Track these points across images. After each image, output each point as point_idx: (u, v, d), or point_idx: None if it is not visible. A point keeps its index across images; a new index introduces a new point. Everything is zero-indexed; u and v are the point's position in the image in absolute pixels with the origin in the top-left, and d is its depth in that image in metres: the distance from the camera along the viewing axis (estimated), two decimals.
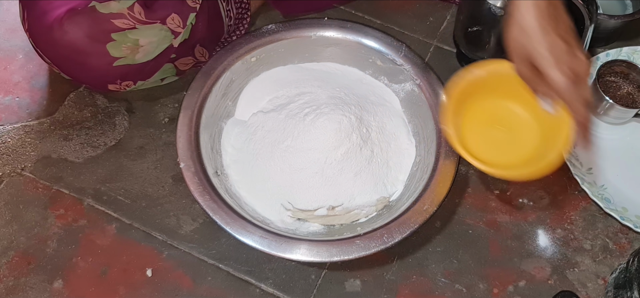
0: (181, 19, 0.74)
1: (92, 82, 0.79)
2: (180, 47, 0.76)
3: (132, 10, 0.70)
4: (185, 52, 0.78)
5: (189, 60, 0.79)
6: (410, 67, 0.77)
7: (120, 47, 0.71)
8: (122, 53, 0.72)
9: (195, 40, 0.78)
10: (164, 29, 0.73)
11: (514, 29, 0.59)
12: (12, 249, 0.71)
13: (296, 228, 0.69)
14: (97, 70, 0.73)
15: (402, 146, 0.76)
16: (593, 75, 0.83)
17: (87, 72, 0.74)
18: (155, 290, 0.69)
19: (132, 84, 0.77)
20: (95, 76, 0.75)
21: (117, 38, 0.71)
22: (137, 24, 0.71)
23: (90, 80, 0.78)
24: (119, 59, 0.72)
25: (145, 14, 0.71)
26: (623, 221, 0.73)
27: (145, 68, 0.75)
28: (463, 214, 0.76)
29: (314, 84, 0.79)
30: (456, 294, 0.70)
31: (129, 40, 0.71)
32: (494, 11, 0.74)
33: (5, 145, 0.79)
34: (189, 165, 0.68)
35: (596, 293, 0.71)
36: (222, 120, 0.76)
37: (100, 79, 0.75)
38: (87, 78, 0.77)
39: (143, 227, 0.73)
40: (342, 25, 0.80)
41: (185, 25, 0.75)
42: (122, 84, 0.76)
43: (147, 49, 0.73)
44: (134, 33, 0.71)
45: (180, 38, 0.75)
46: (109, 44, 0.71)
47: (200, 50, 0.80)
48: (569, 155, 0.77)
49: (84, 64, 0.73)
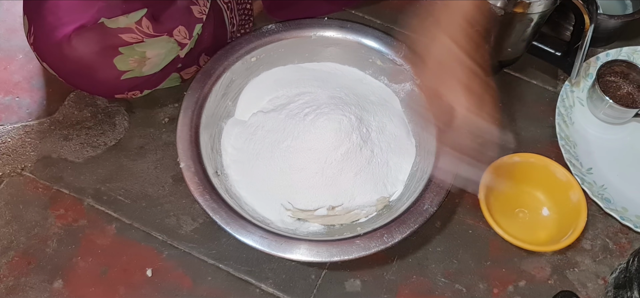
0: (188, 30, 0.74)
1: (99, 94, 0.79)
2: (186, 57, 0.76)
3: (140, 25, 0.70)
4: (191, 62, 0.78)
5: (193, 69, 0.79)
6: (411, 67, 0.77)
7: (127, 61, 0.71)
8: (129, 66, 0.72)
9: (201, 49, 0.78)
10: (171, 41, 0.73)
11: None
12: (12, 249, 0.71)
13: (296, 228, 0.69)
14: (105, 84, 0.73)
15: (402, 146, 0.76)
16: (593, 75, 0.83)
17: (95, 86, 0.74)
18: (155, 290, 0.69)
19: (138, 93, 0.77)
20: (103, 89, 0.75)
21: (125, 52, 0.70)
22: (145, 37, 0.70)
23: (97, 92, 0.78)
24: (127, 72, 0.72)
25: (153, 27, 0.71)
26: (623, 221, 0.73)
27: (152, 79, 0.75)
28: (463, 214, 0.76)
29: (314, 84, 0.79)
30: (456, 294, 0.70)
31: (136, 53, 0.71)
32: (494, 11, 0.74)
33: (5, 145, 0.79)
34: (189, 165, 0.68)
35: (596, 293, 0.71)
36: (222, 120, 0.76)
37: (107, 91, 0.76)
38: (94, 90, 0.78)
39: (143, 227, 0.73)
40: (342, 25, 0.80)
41: (191, 36, 0.74)
42: (129, 94, 0.76)
43: (154, 62, 0.73)
44: (142, 46, 0.71)
45: (186, 49, 0.75)
46: (116, 58, 0.70)
47: (204, 59, 0.80)
48: (569, 155, 0.77)
49: (92, 78, 0.72)
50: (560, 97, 0.82)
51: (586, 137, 0.81)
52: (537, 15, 0.74)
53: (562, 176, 0.74)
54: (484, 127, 0.58)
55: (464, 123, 0.58)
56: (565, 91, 0.83)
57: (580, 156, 0.79)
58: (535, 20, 0.75)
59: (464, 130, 0.58)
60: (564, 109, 0.82)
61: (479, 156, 0.61)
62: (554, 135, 0.80)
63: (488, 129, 0.58)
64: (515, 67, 0.88)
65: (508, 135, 0.82)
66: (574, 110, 0.83)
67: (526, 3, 0.72)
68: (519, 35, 0.77)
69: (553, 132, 0.80)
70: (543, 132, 0.83)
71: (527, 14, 0.73)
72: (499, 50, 0.80)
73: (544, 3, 0.72)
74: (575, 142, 0.80)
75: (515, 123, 0.83)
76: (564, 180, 0.74)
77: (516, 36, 0.77)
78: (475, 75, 0.59)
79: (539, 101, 0.86)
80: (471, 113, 0.58)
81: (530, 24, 0.75)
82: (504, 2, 0.73)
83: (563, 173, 0.74)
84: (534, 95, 0.87)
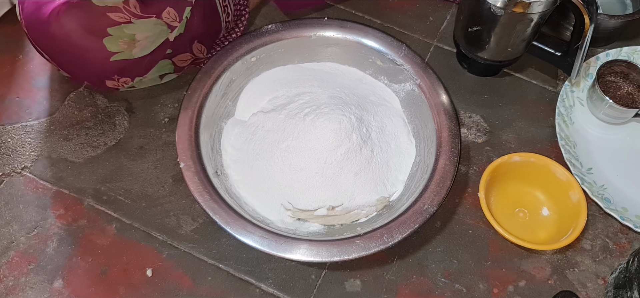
0: (177, 12, 0.74)
1: (89, 78, 0.79)
2: (177, 42, 0.76)
3: (127, 4, 0.71)
4: (183, 48, 0.78)
5: (186, 56, 0.79)
6: (410, 67, 0.77)
7: (116, 42, 0.72)
8: (119, 48, 0.72)
9: (192, 35, 0.78)
10: (160, 23, 0.73)
11: None
12: (12, 249, 0.71)
13: (296, 228, 0.69)
14: (94, 66, 0.74)
15: (402, 146, 0.76)
16: (593, 75, 0.83)
17: (85, 68, 0.75)
18: (155, 290, 0.69)
19: (130, 80, 0.77)
20: (93, 72, 0.75)
21: (113, 33, 0.71)
22: (132, 17, 0.71)
23: (87, 76, 0.78)
24: (116, 53, 0.73)
25: (140, 8, 0.71)
26: (623, 221, 0.73)
27: (141, 63, 0.75)
28: (463, 214, 0.76)
29: (314, 84, 0.79)
30: (456, 294, 0.70)
31: (126, 35, 0.71)
32: (494, 11, 0.74)
33: (5, 145, 0.79)
34: (189, 165, 0.68)
35: (596, 293, 0.71)
36: (222, 120, 0.76)
37: (97, 74, 0.76)
38: (84, 74, 0.78)
39: (143, 227, 0.73)
40: (342, 25, 0.80)
41: (181, 19, 0.75)
42: (120, 80, 0.76)
43: (144, 44, 0.73)
44: (130, 27, 0.71)
45: (175, 32, 0.75)
46: (105, 38, 0.71)
47: (198, 47, 0.80)
48: (569, 155, 0.77)
49: (81, 59, 0.73)
50: (560, 97, 0.82)
51: (586, 137, 0.81)
52: (537, 15, 0.74)
53: (562, 176, 0.74)
54: None
55: None
56: (565, 91, 0.83)
57: (580, 156, 0.79)
58: (535, 20, 0.75)
59: None
60: (564, 109, 0.82)
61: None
62: (554, 135, 0.80)
63: None
64: (515, 67, 0.88)
65: (508, 135, 0.82)
66: (574, 110, 0.83)
67: (526, 3, 0.72)
68: (519, 35, 0.77)
69: (553, 132, 0.80)
70: (543, 132, 0.83)
71: (527, 14, 0.73)
72: (499, 50, 0.80)
73: (544, 3, 0.72)
74: (575, 142, 0.80)
75: (515, 123, 0.83)
76: (564, 180, 0.74)
77: (516, 36, 0.77)
78: None
79: (539, 101, 0.86)
80: None
81: (530, 24, 0.75)
82: (504, 2, 0.73)
83: (563, 173, 0.74)
84: (534, 95, 0.87)
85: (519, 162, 0.75)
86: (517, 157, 0.75)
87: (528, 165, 0.75)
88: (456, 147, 0.71)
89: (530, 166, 0.75)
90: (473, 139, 0.82)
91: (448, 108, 0.74)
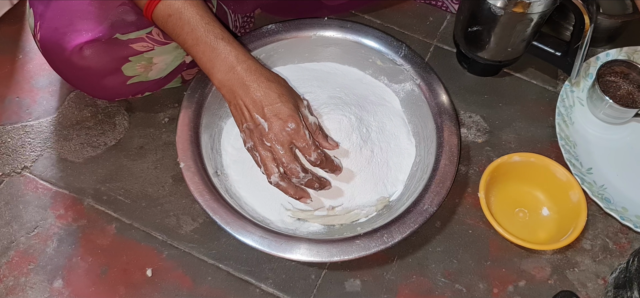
0: None
1: (103, 97, 0.79)
2: (192, 62, 0.76)
3: (151, 34, 0.70)
4: (193, 65, 0.78)
5: (194, 71, 0.80)
6: (410, 67, 0.77)
7: (134, 67, 0.71)
8: (136, 72, 0.72)
9: None
10: (178, 48, 0.73)
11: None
12: (12, 249, 0.71)
13: (296, 228, 0.69)
14: (111, 89, 0.74)
15: (402, 146, 0.76)
16: (593, 75, 0.83)
17: (100, 90, 0.75)
18: (155, 290, 0.69)
19: (140, 95, 0.78)
20: (108, 93, 0.76)
21: (133, 59, 0.71)
22: (155, 45, 0.71)
23: (101, 96, 0.79)
24: (133, 77, 0.72)
25: (163, 35, 0.71)
26: (623, 221, 0.73)
27: (156, 83, 0.76)
28: (463, 214, 0.76)
29: (314, 84, 0.79)
30: (456, 294, 0.70)
31: (144, 59, 0.71)
32: (494, 11, 0.74)
33: (5, 145, 0.79)
34: (189, 165, 0.68)
35: (596, 293, 0.71)
36: (222, 120, 0.76)
37: (112, 95, 0.76)
38: (98, 94, 0.78)
39: (143, 227, 0.73)
40: (342, 25, 0.80)
41: None
42: (130, 96, 0.77)
43: (160, 67, 0.73)
44: (150, 53, 0.71)
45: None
46: (124, 65, 0.71)
47: None
48: (568, 155, 0.77)
49: (98, 84, 0.73)
50: (560, 97, 0.82)
51: (586, 137, 0.81)
52: (537, 15, 0.74)
53: (562, 176, 0.74)
54: None
55: None
56: (565, 91, 0.83)
57: (580, 156, 0.79)
58: (535, 20, 0.75)
59: None
60: (564, 108, 0.82)
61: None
62: (554, 135, 0.80)
63: None
64: (515, 67, 0.88)
65: (508, 135, 0.82)
66: (574, 110, 0.83)
67: (526, 3, 0.72)
68: (519, 35, 0.77)
69: (553, 132, 0.80)
70: (543, 132, 0.83)
71: (527, 14, 0.73)
72: (499, 50, 0.80)
73: (544, 3, 0.72)
74: (575, 142, 0.80)
75: (515, 123, 0.83)
76: (564, 180, 0.74)
77: (516, 36, 0.77)
78: None
79: (539, 101, 0.86)
80: None
81: (530, 24, 0.75)
82: (504, 2, 0.73)
83: (563, 173, 0.74)
84: (534, 95, 0.87)
85: (519, 162, 0.75)
86: (517, 157, 0.75)
87: (528, 165, 0.75)
88: (456, 147, 0.71)
89: (530, 166, 0.75)
90: (473, 139, 0.82)
91: (448, 108, 0.74)
